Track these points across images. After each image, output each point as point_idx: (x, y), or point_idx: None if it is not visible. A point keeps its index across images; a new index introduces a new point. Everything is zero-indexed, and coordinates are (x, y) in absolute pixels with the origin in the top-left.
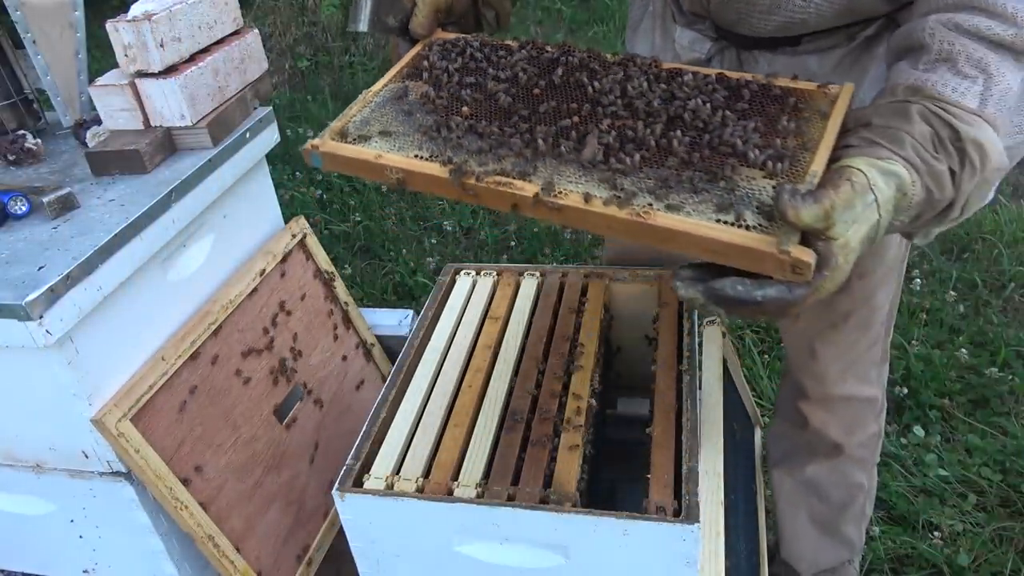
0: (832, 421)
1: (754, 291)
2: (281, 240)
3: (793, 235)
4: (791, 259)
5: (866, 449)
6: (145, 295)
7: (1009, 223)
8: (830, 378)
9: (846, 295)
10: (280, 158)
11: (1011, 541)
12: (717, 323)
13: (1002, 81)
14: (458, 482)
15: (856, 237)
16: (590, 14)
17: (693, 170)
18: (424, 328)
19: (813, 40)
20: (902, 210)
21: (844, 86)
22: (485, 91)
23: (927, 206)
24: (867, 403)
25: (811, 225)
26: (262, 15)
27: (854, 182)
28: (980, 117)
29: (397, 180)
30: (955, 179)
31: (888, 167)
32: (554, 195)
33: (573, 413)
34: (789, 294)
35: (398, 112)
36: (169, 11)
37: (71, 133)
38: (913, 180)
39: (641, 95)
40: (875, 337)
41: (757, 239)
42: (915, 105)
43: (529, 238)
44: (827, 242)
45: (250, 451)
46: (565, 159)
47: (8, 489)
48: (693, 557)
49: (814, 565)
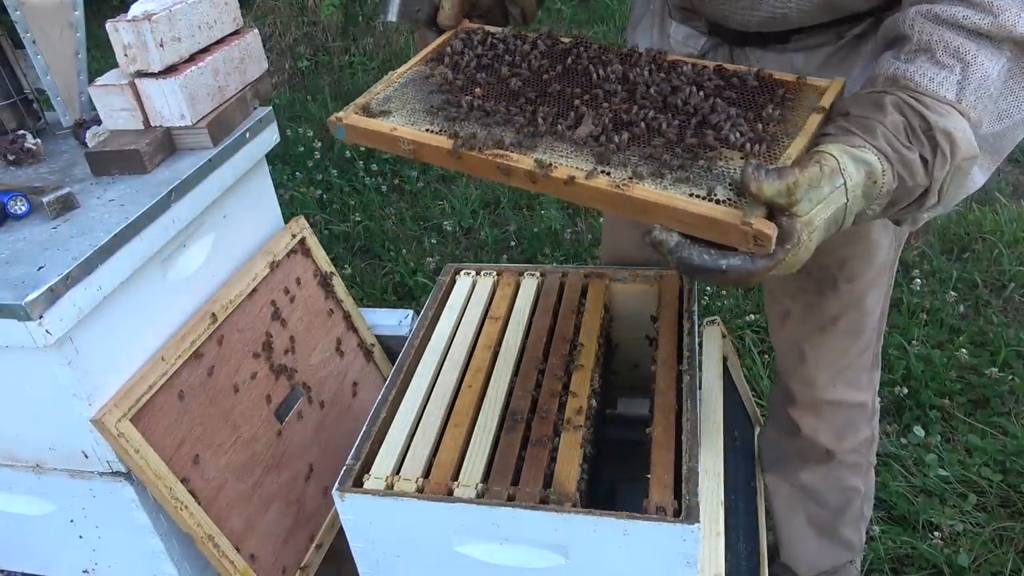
0: (822, 427)
1: (719, 260)
2: (281, 240)
3: (759, 210)
4: (753, 231)
5: (859, 454)
6: (145, 295)
7: (1009, 223)
8: (819, 383)
9: (834, 298)
10: (280, 158)
11: (1011, 541)
12: (717, 323)
13: (979, 69)
14: (458, 482)
15: (821, 217)
16: (590, 14)
17: (677, 149)
18: (424, 328)
19: (802, 38)
20: (874, 197)
21: (834, 80)
22: (499, 75)
23: (902, 193)
24: (857, 408)
25: (773, 199)
26: (262, 15)
27: (823, 164)
28: (954, 107)
29: (408, 151)
30: (927, 167)
31: (859, 154)
32: (546, 168)
33: (573, 413)
34: (751, 264)
35: (418, 92)
36: (169, 11)
37: (71, 133)
38: (884, 168)
39: (641, 82)
40: (866, 343)
41: (724, 211)
42: (890, 96)
43: (529, 238)
44: (791, 218)
45: (250, 451)
46: (561, 137)
47: (8, 489)
48: (693, 557)
49: (814, 567)
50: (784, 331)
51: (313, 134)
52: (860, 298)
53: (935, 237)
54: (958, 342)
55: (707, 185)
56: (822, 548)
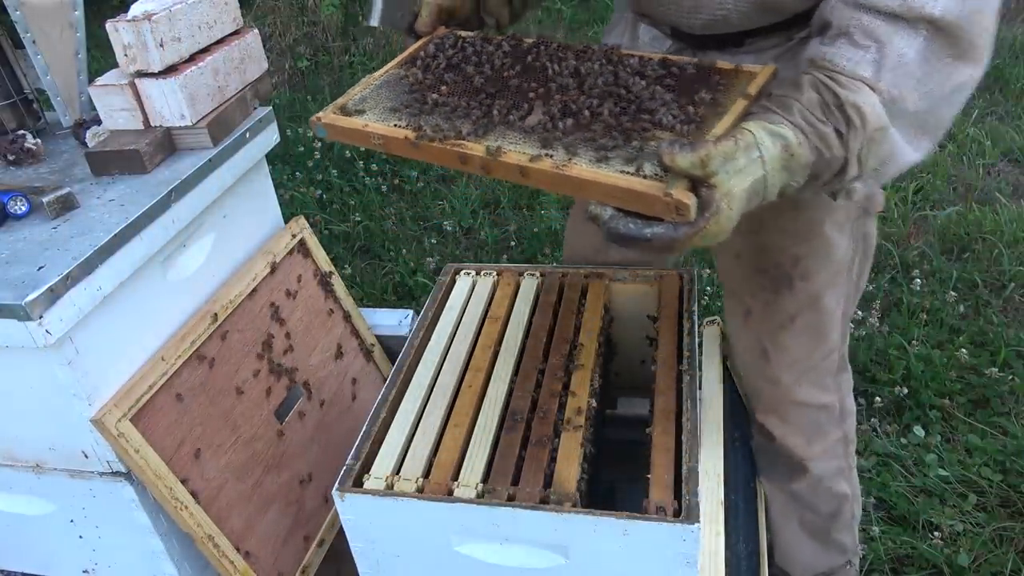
0: (790, 431)
1: (644, 228)
2: (281, 240)
3: (680, 182)
4: (674, 201)
5: (834, 457)
6: (145, 295)
7: (1009, 223)
8: (784, 382)
9: (790, 296)
10: (280, 158)
11: (1011, 541)
12: (717, 323)
13: (895, 49)
14: (458, 482)
15: (739, 187)
16: (590, 14)
17: (614, 132)
18: (424, 328)
19: (755, 41)
20: (794, 170)
21: (765, 67)
22: (464, 74)
23: (822, 166)
24: (823, 411)
25: (688, 171)
26: (262, 15)
27: (738, 139)
28: (865, 83)
29: (379, 145)
30: (843, 139)
31: (776, 129)
32: (495, 153)
33: (573, 413)
34: (674, 232)
35: (391, 92)
36: (169, 11)
37: (71, 133)
38: (799, 141)
39: (590, 75)
40: (831, 347)
41: (648, 184)
42: (807, 76)
43: (529, 238)
44: (710, 189)
45: (250, 451)
46: (512, 126)
47: (8, 489)
48: (693, 557)
49: (810, 569)
50: (747, 330)
51: (313, 134)
52: (816, 297)
53: (935, 237)
54: (958, 342)
55: (637, 163)
56: (816, 552)
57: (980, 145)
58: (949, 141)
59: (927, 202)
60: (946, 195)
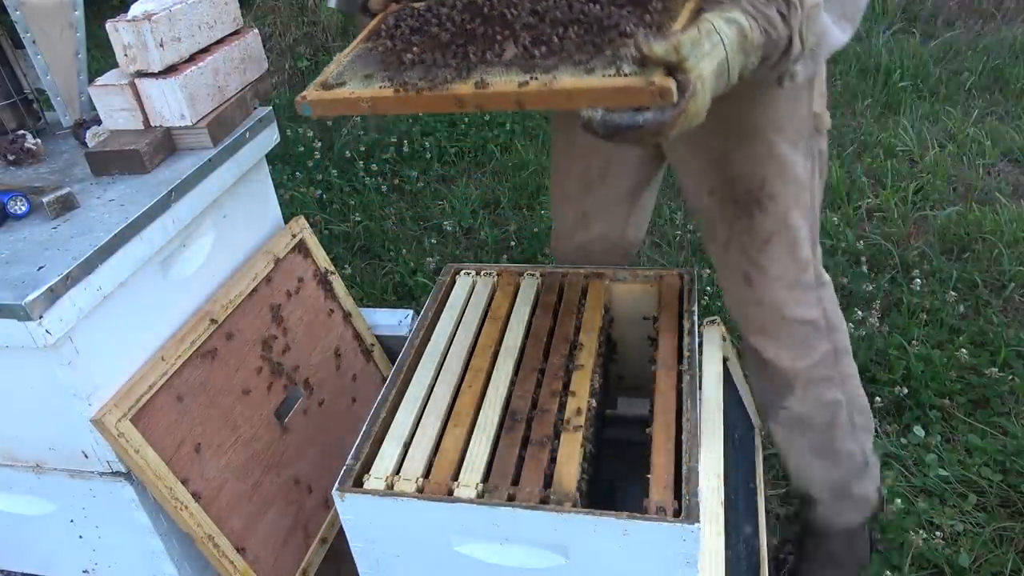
0: (780, 348)
1: (636, 116)
2: (281, 240)
3: (658, 71)
4: (657, 87)
5: (824, 367)
6: (145, 295)
7: (1009, 223)
8: (767, 301)
9: (763, 216)
10: (280, 158)
11: (1011, 541)
12: (717, 323)
13: None
14: (458, 482)
15: (708, 68)
16: None
17: (586, 48)
18: (424, 328)
19: None
20: (748, 51)
21: None
22: (430, 34)
23: (771, 47)
24: (809, 325)
25: (664, 58)
26: (262, 15)
27: (700, 27)
28: None
29: (367, 107)
30: (785, 19)
31: (729, 15)
32: (484, 86)
33: (573, 413)
34: (663, 115)
35: (365, 63)
36: (169, 11)
37: (71, 133)
38: (751, 24)
39: (548, 11)
40: (805, 262)
41: (631, 79)
42: None
43: (529, 238)
44: (684, 73)
45: (250, 451)
46: (492, 64)
47: (8, 489)
48: (693, 557)
49: (826, 484)
50: (728, 257)
51: (313, 134)
52: (785, 214)
53: (935, 237)
54: (958, 342)
55: (616, 66)
56: (827, 468)
57: (980, 145)
58: (949, 141)
59: (927, 202)
60: (946, 195)
